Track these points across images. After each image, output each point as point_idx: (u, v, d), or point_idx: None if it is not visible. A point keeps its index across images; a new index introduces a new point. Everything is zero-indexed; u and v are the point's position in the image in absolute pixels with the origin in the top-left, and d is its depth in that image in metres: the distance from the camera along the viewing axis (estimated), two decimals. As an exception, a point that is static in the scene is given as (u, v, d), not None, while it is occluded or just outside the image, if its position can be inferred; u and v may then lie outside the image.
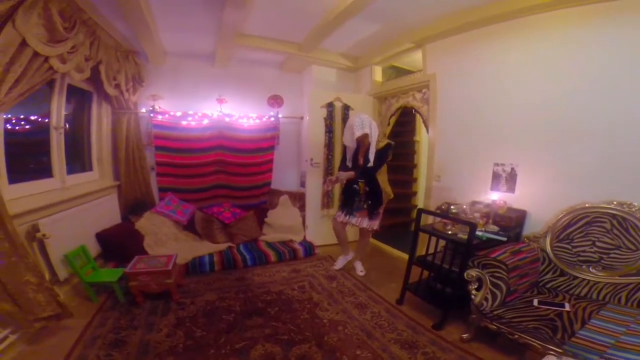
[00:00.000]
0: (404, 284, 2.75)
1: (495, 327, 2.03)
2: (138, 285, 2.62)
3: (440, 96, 3.50)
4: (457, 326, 2.38)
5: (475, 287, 2.17)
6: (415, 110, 3.99)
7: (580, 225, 2.30)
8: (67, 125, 3.28)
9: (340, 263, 3.53)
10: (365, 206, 3.20)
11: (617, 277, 2.07)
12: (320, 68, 4.48)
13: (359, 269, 3.47)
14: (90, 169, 3.67)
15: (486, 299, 2.10)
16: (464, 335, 2.21)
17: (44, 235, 2.42)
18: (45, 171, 2.96)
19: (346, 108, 4.18)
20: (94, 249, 3.07)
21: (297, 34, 3.72)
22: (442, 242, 2.60)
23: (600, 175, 2.31)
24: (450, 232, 2.56)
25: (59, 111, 3.03)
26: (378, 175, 3.15)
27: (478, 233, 2.43)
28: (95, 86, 3.54)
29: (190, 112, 4.22)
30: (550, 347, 1.71)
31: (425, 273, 2.71)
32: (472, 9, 2.91)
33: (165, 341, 2.19)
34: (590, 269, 2.20)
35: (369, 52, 4.26)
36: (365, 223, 3.22)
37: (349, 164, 3.28)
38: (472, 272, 2.18)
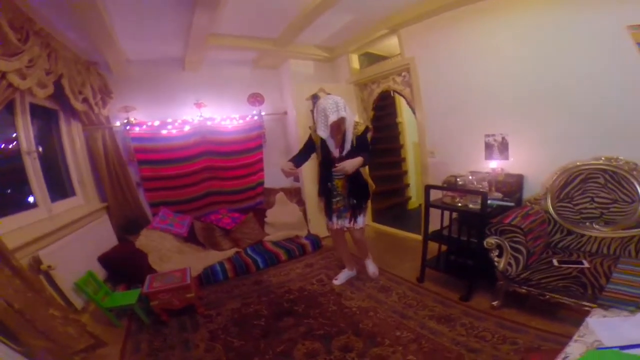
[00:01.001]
0: (422, 262, 2.85)
1: (524, 290, 2.17)
2: (160, 304, 2.53)
3: (422, 78, 3.58)
4: (482, 295, 2.49)
5: (497, 254, 2.30)
6: (398, 93, 4.08)
7: (577, 183, 2.48)
8: (40, 149, 3.04)
9: (342, 277, 3.05)
10: (351, 204, 2.79)
11: (621, 231, 2.24)
12: (297, 61, 4.43)
13: (371, 269, 3.08)
14: (73, 193, 3.43)
15: (510, 264, 2.25)
16: (494, 303, 2.33)
17: (49, 266, 2.31)
18: (26, 201, 2.75)
19: (330, 98, 4.18)
20: (99, 273, 2.93)
21: (271, 29, 3.63)
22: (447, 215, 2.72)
23: (585, 133, 2.49)
24: (460, 204, 2.68)
25: (26, 134, 2.78)
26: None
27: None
28: (60, 103, 3.29)
29: (169, 120, 4.02)
30: (584, 302, 1.84)
31: (443, 248, 2.82)
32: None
33: (206, 356, 2.16)
34: (594, 225, 2.38)
35: (345, 42, 4.27)
36: (360, 223, 2.84)
37: (317, 156, 2.82)
38: (491, 240, 2.31)
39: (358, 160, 2.57)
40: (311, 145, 2.82)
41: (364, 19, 3.60)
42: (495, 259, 2.30)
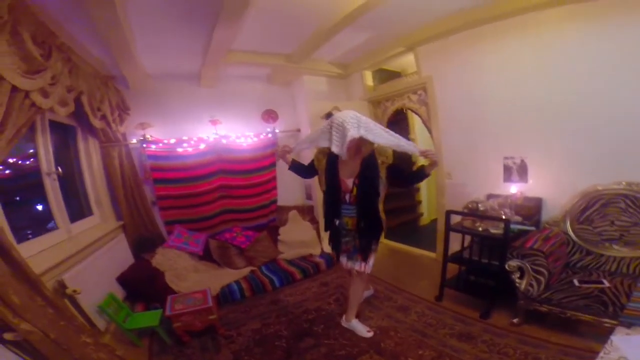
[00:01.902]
0: (442, 281, 2.86)
1: (546, 309, 2.21)
2: (182, 325, 2.54)
3: (438, 97, 3.58)
4: (501, 312, 2.52)
5: (518, 275, 2.33)
6: (414, 112, 4.11)
7: (597, 207, 2.51)
8: (60, 169, 3.06)
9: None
10: (362, 246, 2.38)
11: (640, 251, 2.28)
12: (311, 78, 4.47)
13: (359, 329, 2.53)
14: (90, 212, 3.44)
15: (531, 285, 2.27)
16: (515, 320, 2.37)
17: (74, 291, 2.30)
18: (45, 221, 2.77)
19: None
20: (117, 292, 2.93)
21: (287, 45, 3.69)
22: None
23: (606, 157, 2.50)
24: (481, 229, 2.70)
25: (46, 154, 2.77)
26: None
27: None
28: (77, 119, 3.28)
29: (185, 138, 4.05)
30: (606, 320, 1.90)
31: (462, 269, 2.83)
32: (463, 12, 2.98)
33: (232, 380, 2.15)
34: (614, 246, 2.41)
35: (359, 59, 4.32)
36: (371, 265, 2.45)
37: (321, 184, 2.45)
38: (513, 263, 2.35)
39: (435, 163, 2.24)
40: (312, 169, 2.55)
41: (381, 37, 3.62)
42: (517, 280, 2.33)
